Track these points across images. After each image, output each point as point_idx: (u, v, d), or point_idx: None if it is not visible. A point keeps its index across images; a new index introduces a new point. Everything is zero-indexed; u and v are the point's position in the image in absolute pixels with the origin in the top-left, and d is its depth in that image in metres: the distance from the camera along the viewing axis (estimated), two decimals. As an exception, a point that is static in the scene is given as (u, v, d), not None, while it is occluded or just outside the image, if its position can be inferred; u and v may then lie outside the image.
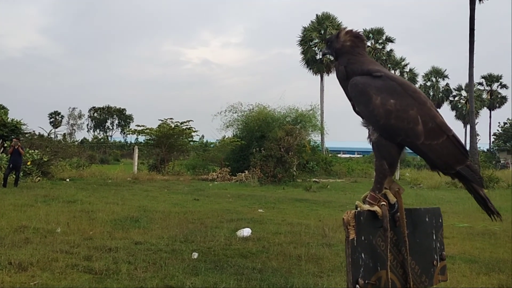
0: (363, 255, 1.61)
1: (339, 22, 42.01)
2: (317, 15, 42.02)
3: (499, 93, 59.24)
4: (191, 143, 28.25)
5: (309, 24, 41.90)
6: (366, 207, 1.81)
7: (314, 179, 23.99)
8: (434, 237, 1.94)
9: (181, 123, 25.29)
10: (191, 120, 25.73)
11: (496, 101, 59.15)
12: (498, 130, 67.50)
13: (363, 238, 1.66)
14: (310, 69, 41.71)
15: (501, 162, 55.86)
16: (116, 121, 75.68)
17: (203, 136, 42.50)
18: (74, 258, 5.56)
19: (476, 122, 25.33)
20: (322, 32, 41.09)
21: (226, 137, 33.26)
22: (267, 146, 22.55)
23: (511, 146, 62.99)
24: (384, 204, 1.80)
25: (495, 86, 59.01)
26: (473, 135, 23.76)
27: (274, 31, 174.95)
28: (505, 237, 8.17)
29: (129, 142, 64.47)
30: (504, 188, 21.79)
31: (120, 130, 75.46)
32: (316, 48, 41.17)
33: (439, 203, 13.98)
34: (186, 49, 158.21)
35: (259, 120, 27.23)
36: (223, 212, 10.39)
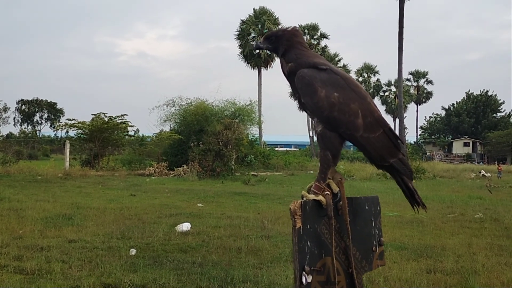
0: (308, 243, 1.65)
1: (276, 16, 42.48)
2: (254, 9, 42.26)
3: (425, 89, 62.74)
4: (126, 137, 27.47)
5: (247, 18, 42.03)
6: (311, 196, 1.86)
7: (252, 173, 24.21)
8: (373, 224, 2.03)
9: (116, 117, 24.51)
10: (126, 114, 25.04)
11: (422, 96, 62.56)
12: (424, 124, 71.59)
13: (308, 226, 1.70)
14: (248, 63, 41.89)
15: (427, 154, 59.25)
16: (46, 115, 71.91)
17: (138, 130, 41.47)
18: (3, 258, 5.24)
19: (404, 116, 26.62)
20: (260, 26, 41.37)
21: (163, 131, 32.70)
22: (205, 140, 22.44)
23: (436, 139, 67.03)
24: (328, 194, 1.86)
25: (421, 82, 62.39)
26: (402, 128, 25.01)
27: (212, 24, 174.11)
28: (432, 224, 8.68)
29: (59, 136, 61.67)
30: (430, 178, 23.17)
31: (50, 124, 71.85)
32: (254, 42, 41.39)
33: (371, 193, 14.57)
34: (120, 41, 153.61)
35: (198, 114, 27.01)
36: (161, 207, 10.22)
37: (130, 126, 25.58)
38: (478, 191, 16.05)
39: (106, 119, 24.21)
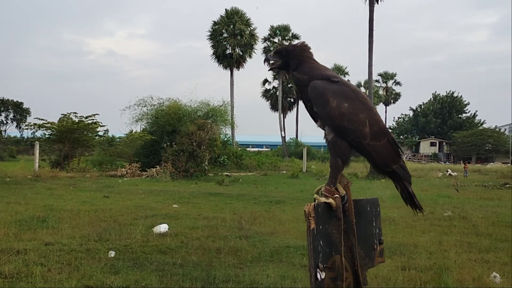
0: (321, 242, 1.76)
1: (248, 17, 42.61)
2: (226, 9, 42.27)
3: (394, 90, 64.10)
4: (97, 138, 27.03)
5: (219, 19, 41.99)
6: (323, 199, 1.97)
7: (226, 173, 24.24)
8: (374, 224, 2.16)
9: (87, 117, 24.08)
10: (97, 114, 24.63)
11: (391, 97, 63.89)
12: (393, 124, 73.18)
13: (321, 227, 1.81)
14: (220, 63, 41.85)
15: (396, 154, 60.43)
16: (11, 115, 69.86)
17: (107, 131, 40.82)
18: (-23, 263, 5.15)
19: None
20: (232, 27, 41.40)
21: (134, 131, 32.27)
22: (178, 140, 22.33)
23: (405, 139, 68.60)
24: (337, 197, 1.98)
25: (390, 83, 63.71)
26: (373, 129, 25.45)
27: (182, 24, 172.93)
28: (403, 223, 8.92)
29: (25, 137, 60.04)
30: (400, 178, 23.66)
31: (15, 125, 69.89)
32: (226, 43, 41.38)
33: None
34: (89, 39, 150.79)
35: (170, 114, 26.84)
36: (136, 208, 10.15)
37: (101, 126, 25.18)
38: (446, 190, 16.54)
39: (76, 119, 23.78)
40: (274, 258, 5.77)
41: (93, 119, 24.11)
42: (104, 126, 25.72)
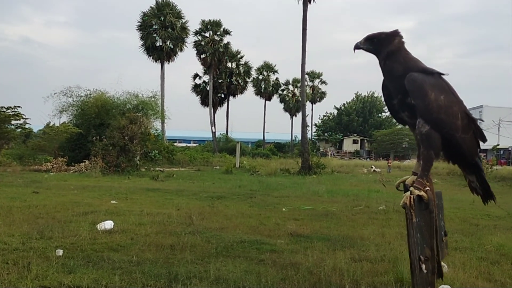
0: (418, 235, 1.77)
1: (179, 10, 41.84)
2: (157, 1, 41.17)
3: (320, 89, 65.97)
4: (18, 130, 25.25)
5: (149, 10, 40.84)
6: (417, 192, 1.97)
7: (158, 168, 23.73)
8: (441, 217, 2.20)
9: (8, 108, 22.39)
10: (19, 106, 22.97)
11: (317, 96, 65.72)
12: (318, 122, 75.57)
13: (418, 220, 1.82)
14: (150, 55, 40.75)
15: (321, 150, 62.68)
16: None
17: (24, 123, 38.30)
18: None
19: (307, 115, 27.88)
20: (162, 18, 40.46)
21: (52, 124, 30.59)
22: (109, 134, 21.49)
23: (329, 136, 71.14)
24: (428, 189, 1.99)
25: (316, 82, 65.53)
26: (304, 126, 26.16)
27: (106, 13, 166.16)
28: (344, 216, 9.28)
29: None
30: (329, 173, 24.59)
31: None
32: (156, 35, 40.37)
33: (281, 188, 15.18)
34: (1, 24, 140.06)
35: (97, 106, 25.79)
36: (72, 205, 9.65)
37: (24, 118, 23.51)
38: (374, 185, 17.41)
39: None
40: (230, 253, 5.75)
41: (14, 111, 22.47)
42: (26, 118, 23.97)
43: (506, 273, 5.05)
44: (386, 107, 40.57)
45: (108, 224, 7.24)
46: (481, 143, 2.43)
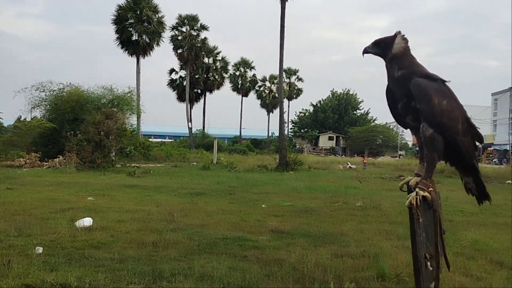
0: (423, 234, 1.82)
1: (156, 4, 41.27)
2: (133, -6, 40.48)
3: (296, 85, 66.33)
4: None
5: (125, 3, 40.13)
6: (422, 193, 2.02)
7: (134, 164, 23.48)
8: (439, 214, 2.27)
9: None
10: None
11: (293, 92, 66.05)
12: (295, 118, 76.02)
13: (423, 219, 1.87)
14: (125, 50, 40.12)
15: (297, 147, 63.12)
16: None
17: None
18: None
19: (284, 111, 27.99)
20: (138, 12, 39.86)
21: (24, 118, 29.88)
22: (84, 129, 21.14)
23: (305, 132, 71.67)
24: (431, 190, 2.05)
25: (293, 79, 65.82)
26: (282, 122, 26.26)
27: (80, 5, 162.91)
28: (323, 213, 9.39)
29: None
30: (306, 170, 24.78)
31: None
32: (132, 29, 39.78)
33: (259, 185, 15.24)
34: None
35: (72, 101, 25.31)
36: (48, 201, 9.51)
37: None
38: (351, 181, 17.64)
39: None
40: (214, 250, 5.77)
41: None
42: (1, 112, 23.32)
43: (481, 268, 5.22)
44: (361, 105, 41.22)
45: (87, 221, 7.16)
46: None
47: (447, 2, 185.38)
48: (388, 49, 2.41)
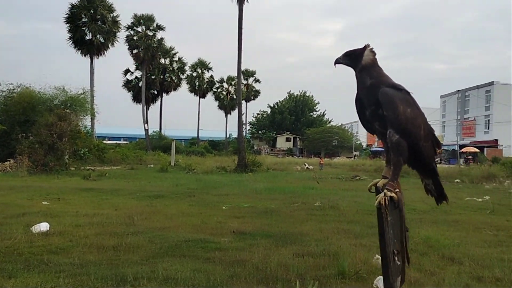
0: (391, 231, 1.95)
1: (110, 3, 40.36)
2: (87, -7, 39.43)
3: (254, 87, 66.66)
4: None
5: (78, 2, 39.04)
6: (389, 194, 2.14)
7: (88, 167, 22.90)
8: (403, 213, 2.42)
9: None
10: None
11: (251, 94, 66.33)
12: (252, 120, 76.39)
13: (390, 218, 2.00)
14: (78, 49, 39.02)
15: (255, 148, 63.45)
16: None
17: None
18: None
19: (243, 113, 28.10)
20: (92, 11, 38.88)
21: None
22: (36, 132, 20.43)
23: (263, 134, 72.18)
24: (398, 191, 2.19)
25: (250, 80, 66.11)
26: (241, 124, 26.37)
27: (29, 3, 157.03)
28: (283, 213, 9.54)
29: None
30: (265, 171, 25.01)
31: None
32: (86, 28, 38.75)
33: (219, 186, 15.26)
34: None
35: (23, 102, 24.43)
36: (1, 206, 9.17)
37: None
38: (309, 182, 17.98)
39: None
40: (176, 253, 5.76)
41: None
42: None
43: (434, 263, 5.48)
44: (317, 106, 42.25)
45: (44, 226, 6.97)
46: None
47: (398, 8, 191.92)
48: (358, 60, 2.57)
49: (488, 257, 5.77)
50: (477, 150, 52.09)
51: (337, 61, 2.72)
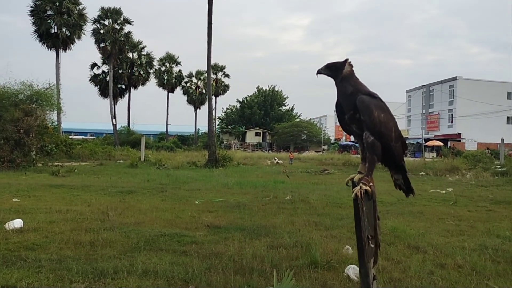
0: (366, 219, 2.19)
1: (76, -5, 39.54)
2: (52, -15, 38.50)
3: (223, 82, 66.60)
4: None
5: (43, -6, 38.07)
6: (364, 187, 2.41)
7: (56, 163, 22.54)
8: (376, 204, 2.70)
9: None
10: None
11: (220, 89, 66.24)
12: (222, 115, 76.37)
13: (365, 208, 2.27)
14: (43, 43, 38.12)
15: (225, 143, 63.55)
16: None
17: None
18: None
19: (213, 108, 28.16)
20: (58, 4, 38.03)
21: None
22: (1, 127, 19.95)
23: (232, 129, 72.32)
24: (371, 185, 2.46)
25: (219, 75, 65.96)
26: (211, 119, 26.45)
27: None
28: (255, 207, 9.76)
29: None
30: (235, 166, 25.20)
31: None
32: (51, 21, 37.87)
33: (190, 181, 15.36)
34: None
35: (-14, 97, 23.71)
36: (-31, 204, 9.03)
37: None
38: (279, 176, 18.29)
39: None
40: (153, 247, 5.89)
41: None
42: None
43: (400, 252, 5.80)
44: (286, 101, 43.11)
45: (18, 223, 6.97)
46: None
47: (362, 3, 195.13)
48: (339, 71, 2.85)
49: (450, 246, 6.15)
50: (441, 144, 53.88)
51: (319, 72, 3.05)
